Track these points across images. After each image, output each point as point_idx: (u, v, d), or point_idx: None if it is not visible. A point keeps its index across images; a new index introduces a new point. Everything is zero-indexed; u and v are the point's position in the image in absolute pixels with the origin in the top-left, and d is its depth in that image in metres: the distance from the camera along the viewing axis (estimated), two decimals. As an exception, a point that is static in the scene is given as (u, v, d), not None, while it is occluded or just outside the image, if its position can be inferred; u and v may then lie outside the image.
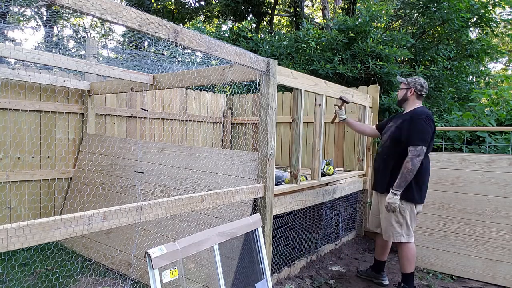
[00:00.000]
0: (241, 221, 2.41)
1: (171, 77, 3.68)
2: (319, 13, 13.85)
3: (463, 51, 6.89)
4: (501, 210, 3.52)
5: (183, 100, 5.67)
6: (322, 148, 3.75)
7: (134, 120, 4.98)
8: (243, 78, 2.99)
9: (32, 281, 3.04)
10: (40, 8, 12.77)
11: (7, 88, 3.74)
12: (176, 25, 1.95)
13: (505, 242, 3.47)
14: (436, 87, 6.75)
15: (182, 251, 1.87)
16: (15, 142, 3.81)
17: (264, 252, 2.52)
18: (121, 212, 1.78)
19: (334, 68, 5.85)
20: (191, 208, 2.17)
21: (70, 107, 4.24)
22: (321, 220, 3.97)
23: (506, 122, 4.45)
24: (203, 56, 3.84)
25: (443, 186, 3.86)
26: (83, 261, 3.50)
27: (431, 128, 2.91)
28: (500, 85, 6.70)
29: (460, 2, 6.08)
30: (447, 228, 3.78)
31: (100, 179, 4.01)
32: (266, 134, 2.81)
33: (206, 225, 2.98)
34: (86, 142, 4.32)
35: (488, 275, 3.51)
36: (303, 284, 3.29)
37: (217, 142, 6.28)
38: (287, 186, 3.26)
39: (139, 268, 3.16)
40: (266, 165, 2.82)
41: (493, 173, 3.61)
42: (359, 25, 6.09)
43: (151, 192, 3.48)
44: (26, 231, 1.44)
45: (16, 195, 3.83)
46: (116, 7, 1.64)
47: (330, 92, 3.80)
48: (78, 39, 14.91)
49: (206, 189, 3.15)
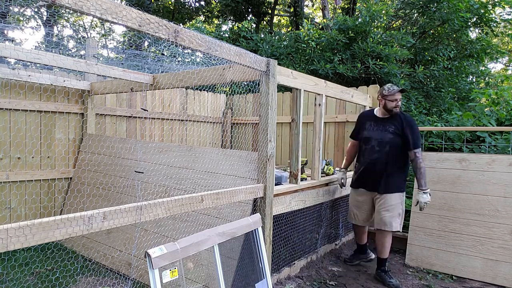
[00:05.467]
0: (241, 221, 2.41)
1: (171, 77, 3.68)
2: (319, 13, 13.85)
3: (463, 51, 6.90)
4: (501, 210, 3.52)
5: (183, 100, 5.67)
6: (322, 148, 3.75)
7: (134, 120, 4.98)
8: (243, 78, 2.99)
9: (32, 281, 3.04)
10: (40, 8, 12.77)
11: (7, 88, 3.74)
12: (176, 25, 1.95)
13: (505, 242, 3.47)
14: (436, 87, 6.75)
15: (182, 251, 1.87)
16: (15, 142, 3.81)
17: (264, 252, 2.52)
18: (121, 212, 1.78)
19: (334, 68, 5.85)
20: (191, 208, 2.17)
21: (70, 107, 4.24)
22: (321, 220, 3.97)
23: (506, 122, 4.45)
24: (203, 56, 3.84)
25: (443, 186, 3.86)
26: (83, 261, 3.50)
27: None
28: (500, 85, 6.70)
29: (460, 2, 6.08)
30: (447, 228, 3.78)
31: (100, 179, 4.01)
32: (266, 134, 2.81)
33: (206, 225, 2.98)
34: (86, 142, 4.32)
35: (488, 275, 3.50)
36: (303, 284, 3.29)
37: (217, 142, 6.28)
38: (287, 186, 3.26)
39: (139, 268, 3.16)
40: (266, 165, 2.82)
41: (493, 173, 3.61)
42: (359, 25, 6.09)
43: (151, 192, 3.48)
44: (26, 231, 1.44)
45: (16, 195, 3.83)
46: (116, 7, 1.64)
47: (330, 92, 3.80)
48: (78, 39, 14.90)
49: (206, 189, 3.15)
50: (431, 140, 4.83)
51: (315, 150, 3.68)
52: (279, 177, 3.34)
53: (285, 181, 3.40)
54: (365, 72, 5.89)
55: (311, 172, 3.75)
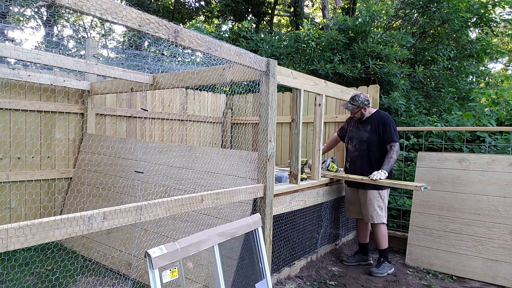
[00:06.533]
0: (241, 221, 2.41)
1: (171, 77, 3.68)
2: (319, 13, 13.85)
3: (463, 51, 6.90)
4: (501, 210, 3.52)
5: (183, 100, 5.67)
6: (322, 148, 3.75)
7: (134, 120, 4.98)
8: (243, 78, 2.99)
9: (32, 281, 3.04)
10: (40, 8, 12.77)
11: (7, 88, 3.74)
12: (176, 25, 1.95)
13: (505, 242, 3.47)
14: (436, 87, 6.75)
15: (182, 251, 1.87)
16: (15, 142, 3.81)
17: (264, 252, 2.52)
18: (121, 212, 1.78)
19: (334, 68, 5.86)
20: (191, 208, 2.17)
21: (70, 107, 4.24)
22: (321, 220, 3.97)
23: (506, 122, 4.45)
24: (203, 56, 3.84)
25: (443, 186, 3.86)
26: (83, 261, 3.50)
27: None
28: (500, 85, 6.70)
29: (460, 2, 6.08)
30: (447, 228, 3.78)
31: (100, 179, 4.01)
32: (266, 134, 2.81)
33: (206, 225, 2.98)
34: (86, 142, 4.32)
35: (488, 275, 3.50)
36: (303, 284, 3.29)
37: (217, 142, 6.28)
38: (287, 186, 3.26)
39: (139, 268, 3.16)
40: (266, 165, 2.82)
41: (493, 173, 3.61)
42: (359, 25, 6.09)
43: (151, 192, 3.48)
44: (26, 231, 1.44)
45: (16, 195, 3.83)
46: (116, 7, 1.64)
47: (330, 92, 3.80)
48: (78, 39, 14.90)
49: (206, 189, 3.15)
50: (431, 140, 4.83)
51: (315, 150, 3.68)
52: (279, 177, 3.34)
53: (285, 181, 3.41)
54: (365, 72, 5.89)
55: (311, 172, 3.75)
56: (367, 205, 3.62)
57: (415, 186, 3.15)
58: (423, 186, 3.10)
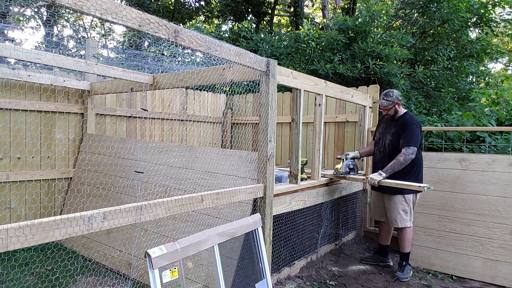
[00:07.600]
0: (241, 221, 2.41)
1: (171, 77, 3.67)
2: (319, 13, 13.85)
3: (463, 51, 6.90)
4: (501, 210, 3.52)
5: (183, 100, 5.67)
6: (322, 148, 3.75)
7: (134, 120, 4.98)
8: (243, 78, 2.99)
9: (32, 281, 3.04)
10: (40, 8, 12.77)
11: (7, 88, 3.74)
12: (176, 25, 1.95)
13: (505, 242, 3.47)
14: (436, 87, 6.75)
15: (182, 251, 1.87)
16: (15, 142, 3.81)
17: (264, 252, 2.52)
18: (121, 212, 1.78)
19: (334, 68, 5.86)
20: (191, 208, 2.17)
21: (70, 107, 4.24)
22: (321, 220, 3.97)
23: (506, 122, 4.45)
24: (203, 56, 3.84)
25: (443, 186, 3.86)
26: (83, 261, 3.50)
27: (420, 130, 3.53)
28: (500, 85, 6.70)
29: (460, 2, 6.08)
30: (447, 228, 3.78)
31: (100, 179, 4.01)
32: (266, 134, 2.81)
33: (206, 225, 2.98)
34: (86, 142, 4.32)
35: (488, 275, 3.50)
36: (303, 284, 3.29)
37: (217, 142, 6.28)
38: (287, 186, 3.26)
39: (139, 268, 3.16)
40: (266, 165, 2.82)
41: (493, 173, 3.60)
42: (359, 25, 6.09)
43: (151, 192, 3.48)
44: (26, 231, 1.44)
45: (16, 195, 3.83)
46: (116, 7, 1.64)
47: (330, 92, 3.80)
48: (78, 39, 14.90)
49: (206, 189, 3.15)
50: (431, 140, 4.83)
51: (315, 150, 3.68)
52: (279, 177, 3.34)
53: (285, 181, 3.40)
54: (365, 72, 5.89)
55: (311, 172, 3.75)
56: (392, 209, 3.57)
57: (418, 186, 3.15)
58: (426, 187, 3.09)
